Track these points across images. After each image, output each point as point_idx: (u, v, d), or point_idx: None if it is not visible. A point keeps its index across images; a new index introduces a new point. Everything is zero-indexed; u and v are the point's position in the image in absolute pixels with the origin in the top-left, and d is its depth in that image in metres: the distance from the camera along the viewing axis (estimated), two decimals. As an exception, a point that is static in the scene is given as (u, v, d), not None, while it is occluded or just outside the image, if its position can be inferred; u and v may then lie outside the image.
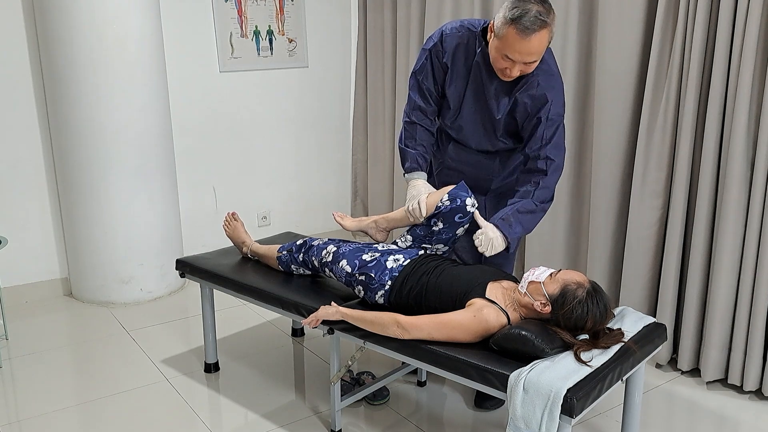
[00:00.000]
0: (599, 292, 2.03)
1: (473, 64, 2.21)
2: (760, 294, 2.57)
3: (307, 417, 2.64)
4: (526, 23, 1.96)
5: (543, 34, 2.00)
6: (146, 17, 3.51)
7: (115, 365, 3.07)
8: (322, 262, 2.54)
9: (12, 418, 2.64)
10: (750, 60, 2.47)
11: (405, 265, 2.34)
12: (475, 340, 2.08)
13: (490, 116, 2.26)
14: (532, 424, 1.84)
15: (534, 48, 2.01)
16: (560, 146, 2.26)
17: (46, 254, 3.80)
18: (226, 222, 2.97)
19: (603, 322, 2.03)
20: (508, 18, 1.99)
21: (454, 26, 2.24)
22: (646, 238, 2.93)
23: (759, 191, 2.53)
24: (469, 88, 2.24)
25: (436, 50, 2.24)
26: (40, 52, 3.52)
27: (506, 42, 2.02)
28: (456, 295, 2.17)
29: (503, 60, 2.07)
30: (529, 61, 2.06)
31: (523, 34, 1.97)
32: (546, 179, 2.24)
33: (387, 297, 2.32)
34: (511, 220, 2.23)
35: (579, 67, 3.18)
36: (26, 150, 3.63)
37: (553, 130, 2.22)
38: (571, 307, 1.99)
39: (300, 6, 4.35)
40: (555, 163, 2.24)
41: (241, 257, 2.92)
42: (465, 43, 2.20)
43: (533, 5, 1.98)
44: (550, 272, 2.10)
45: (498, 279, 2.22)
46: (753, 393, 2.76)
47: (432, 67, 2.26)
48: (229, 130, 4.25)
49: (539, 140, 2.21)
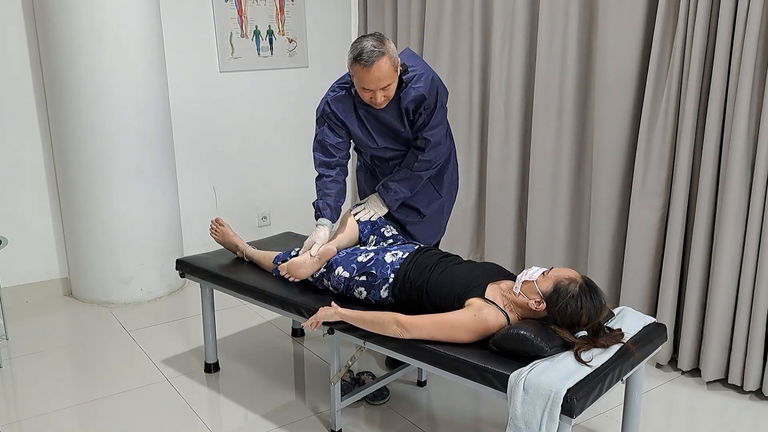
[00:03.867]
0: (592, 287, 2.03)
1: (358, 109, 2.61)
2: (761, 294, 2.57)
3: (307, 417, 2.64)
4: (365, 57, 2.34)
5: (383, 61, 2.35)
6: (146, 17, 3.51)
7: (115, 365, 3.07)
8: (316, 277, 2.53)
9: (12, 418, 2.64)
10: (750, 60, 2.47)
11: (405, 257, 2.37)
12: (475, 340, 2.08)
13: (399, 134, 2.66)
14: (532, 424, 1.84)
15: (380, 74, 2.36)
16: (436, 126, 2.63)
17: (46, 254, 3.80)
18: (213, 229, 2.93)
19: (598, 316, 2.03)
20: (351, 58, 2.39)
21: (331, 92, 2.64)
22: (646, 238, 2.93)
23: (759, 191, 2.53)
24: (370, 127, 2.64)
25: (328, 116, 2.62)
26: (40, 52, 3.52)
27: (358, 77, 2.40)
28: (455, 294, 2.18)
29: (365, 92, 2.44)
30: (383, 86, 2.40)
31: (366, 67, 2.35)
32: (424, 154, 2.66)
33: (392, 290, 2.32)
34: (390, 185, 2.70)
35: (579, 67, 3.18)
36: (26, 150, 3.63)
37: (430, 116, 2.59)
38: (565, 302, 1.99)
39: (300, 6, 4.35)
40: (431, 141, 2.64)
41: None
42: (345, 97, 2.61)
43: (367, 42, 2.37)
44: (542, 271, 2.12)
45: (497, 280, 2.23)
46: (753, 393, 2.76)
47: (332, 129, 2.64)
48: (229, 130, 4.25)
49: (422, 126, 2.62)
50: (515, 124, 3.50)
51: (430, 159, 2.67)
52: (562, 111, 3.25)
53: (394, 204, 2.72)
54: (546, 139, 3.33)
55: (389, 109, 2.57)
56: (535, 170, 3.40)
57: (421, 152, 2.66)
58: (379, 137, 2.66)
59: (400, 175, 2.70)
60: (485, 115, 3.71)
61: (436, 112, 2.60)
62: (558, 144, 3.30)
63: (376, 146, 2.69)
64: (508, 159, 3.57)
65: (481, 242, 3.87)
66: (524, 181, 3.57)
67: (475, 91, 3.68)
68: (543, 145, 3.34)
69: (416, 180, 2.71)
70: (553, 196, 3.36)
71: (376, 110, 2.58)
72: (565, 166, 3.29)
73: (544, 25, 3.24)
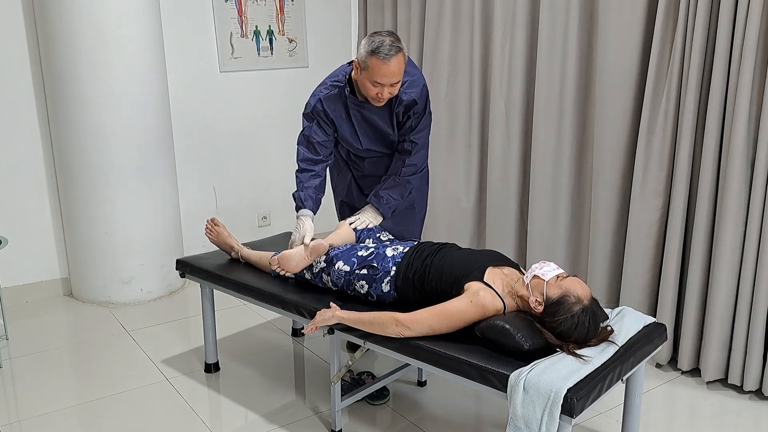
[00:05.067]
0: (595, 313, 2.02)
1: (350, 109, 2.64)
2: (760, 294, 2.57)
3: (307, 417, 2.64)
4: (384, 51, 2.37)
5: (399, 58, 2.40)
6: (146, 17, 3.51)
7: (115, 365, 3.07)
8: (315, 272, 2.53)
9: (12, 418, 2.64)
10: (750, 60, 2.47)
11: (406, 251, 2.38)
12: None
13: (386, 137, 2.72)
14: (532, 424, 1.84)
15: (395, 70, 2.41)
16: (423, 130, 2.72)
17: (46, 254, 3.80)
18: (208, 229, 2.92)
19: (588, 340, 2.01)
20: (369, 50, 2.40)
21: (324, 89, 2.65)
22: (646, 238, 2.93)
23: (759, 191, 2.53)
24: (358, 128, 2.69)
25: (319, 113, 2.65)
26: (40, 52, 3.52)
27: (372, 70, 2.41)
28: (455, 277, 2.18)
29: (373, 87, 2.45)
30: (393, 83, 2.45)
31: (384, 60, 2.37)
32: (411, 158, 2.73)
33: (394, 282, 2.33)
34: (381, 194, 2.75)
35: (579, 67, 3.18)
36: (26, 150, 3.63)
37: (418, 120, 2.68)
38: (562, 318, 1.98)
39: (300, 6, 4.35)
40: (418, 144, 2.72)
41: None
42: (338, 96, 2.63)
43: (386, 37, 2.40)
44: (557, 273, 2.07)
45: (500, 265, 2.22)
46: (753, 393, 2.76)
47: (321, 127, 2.67)
48: (229, 130, 4.25)
49: (409, 129, 2.70)
50: (516, 124, 3.50)
51: (416, 163, 2.75)
52: (563, 111, 3.25)
53: (388, 211, 2.77)
54: (546, 139, 3.33)
55: (381, 112, 2.62)
56: (535, 170, 3.40)
57: (408, 156, 2.73)
58: (364, 139, 2.71)
59: (389, 183, 2.75)
60: (485, 114, 3.71)
61: (424, 117, 2.70)
62: (558, 143, 3.30)
63: (360, 147, 2.75)
64: (508, 159, 3.57)
65: (482, 242, 3.87)
66: (525, 180, 3.57)
67: (476, 91, 3.68)
68: (543, 144, 3.34)
69: (405, 185, 2.77)
70: (554, 196, 3.36)
71: (367, 112, 2.63)
72: (565, 165, 3.29)
73: (544, 25, 3.24)
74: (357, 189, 2.96)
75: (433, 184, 3.94)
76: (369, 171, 2.88)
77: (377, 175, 2.86)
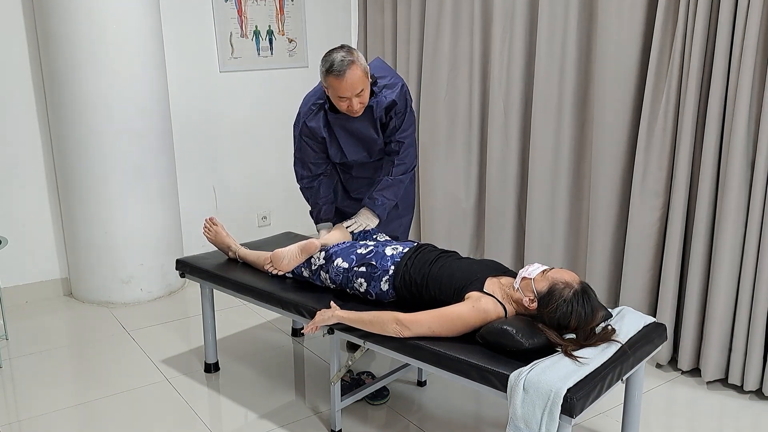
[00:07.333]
0: (587, 293, 2.03)
1: (333, 126, 2.72)
2: (761, 294, 2.57)
3: (307, 417, 2.64)
4: (337, 67, 2.46)
5: (354, 69, 2.47)
6: (146, 17, 3.51)
7: (115, 365, 3.07)
8: (313, 269, 2.54)
9: (12, 418, 2.64)
10: (750, 60, 2.47)
11: (405, 251, 2.39)
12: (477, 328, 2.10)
13: (373, 143, 2.79)
14: (532, 424, 1.84)
15: (353, 81, 2.48)
16: (407, 129, 2.79)
17: (46, 254, 3.80)
18: (206, 228, 2.93)
19: (588, 324, 2.03)
20: (324, 71, 2.50)
21: (306, 108, 2.74)
22: (646, 238, 2.93)
23: (759, 191, 2.53)
24: (342, 142, 2.75)
25: (305, 133, 2.74)
26: (40, 52, 3.52)
27: (333, 88, 2.51)
28: (455, 287, 2.19)
29: (342, 101, 2.54)
30: (357, 93, 2.51)
31: (339, 77, 2.47)
32: (399, 157, 2.81)
33: (392, 282, 2.33)
34: (375, 196, 2.82)
35: (579, 67, 3.18)
36: (26, 150, 3.63)
37: (402, 120, 2.75)
38: (556, 305, 2.00)
39: (300, 6, 4.35)
40: (405, 143, 2.79)
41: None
42: (318, 112, 2.71)
43: (337, 54, 2.49)
44: (542, 269, 2.12)
45: (497, 275, 2.24)
46: (753, 393, 2.76)
47: (310, 146, 2.76)
48: (229, 130, 4.25)
49: (394, 130, 2.77)
50: (515, 124, 3.50)
51: (406, 162, 2.82)
52: (562, 110, 3.25)
53: (383, 213, 2.83)
54: (546, 139, 3.33)
55: (363, 119, 2.69)
56: (534, 170, 3.40)
57: (396, 155, 2.80)
58: (350, 150, 2.79)
59: (382, 184, 2.82)
60: (485, 114, 3.71)
61: (407, 116, 2.77)
62: (558, 143, 3.30)
63: (345, 160, 2.83)
64: (507, 159, 3.57)
65: (481, 242, 3.87)
66: (524, 180, 3.57)
67: (475, 91, 3.68)
68: (543, 144, 3.34)
69: (398, 185, 2.83)
70: (553, 196, 3.36)
71: (350, 124, 2.70)
72: (564, 165, 3.29)
73: (543, 25, 3.24)
74: (343, 191, 3.01)
75: (433, 184, 3.94)
76: (356, 174, 2.95)
77: (364, 177, 2.94)
